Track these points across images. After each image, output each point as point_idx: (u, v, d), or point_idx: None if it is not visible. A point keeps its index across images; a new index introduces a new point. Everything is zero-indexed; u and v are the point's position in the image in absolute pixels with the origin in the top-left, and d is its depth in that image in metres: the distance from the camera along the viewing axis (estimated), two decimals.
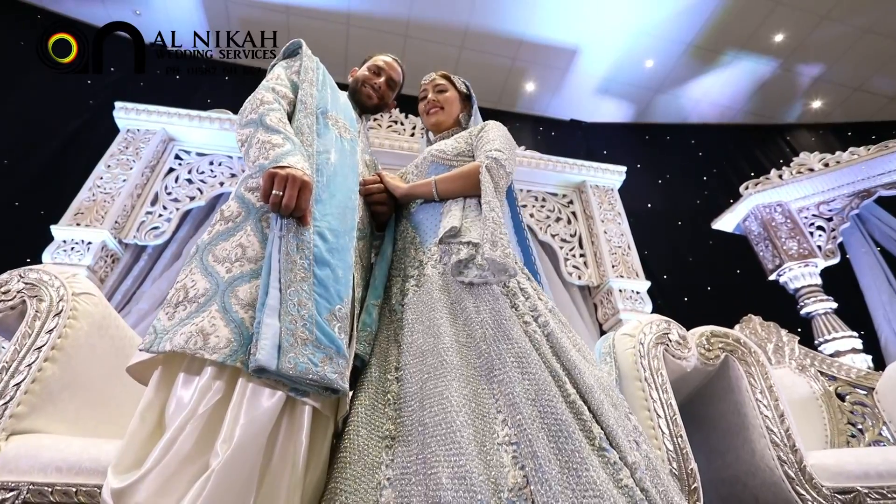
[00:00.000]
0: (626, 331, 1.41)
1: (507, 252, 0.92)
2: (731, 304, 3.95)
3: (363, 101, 1.51)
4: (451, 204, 1.15)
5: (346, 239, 0.99)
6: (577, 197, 3.60)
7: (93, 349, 1.15)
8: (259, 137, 0.98)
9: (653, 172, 4.89)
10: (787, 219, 2.98)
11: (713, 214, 4.52)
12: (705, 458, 1.65)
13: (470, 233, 1.02)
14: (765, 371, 1.41)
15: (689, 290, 4.15)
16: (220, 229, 0.93)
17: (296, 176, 0.89)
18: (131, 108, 3.07)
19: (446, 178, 1.20)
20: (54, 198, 3.01)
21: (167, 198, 2.90)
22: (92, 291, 1.18)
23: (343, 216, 1.02)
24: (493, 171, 1.14)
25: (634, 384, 1.30)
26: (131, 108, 3.07)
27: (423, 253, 1.13)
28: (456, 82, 1.57)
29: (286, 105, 1.17)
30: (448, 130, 1.52)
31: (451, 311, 0.95)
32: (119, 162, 2.88)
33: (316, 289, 0.85)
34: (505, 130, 1.35)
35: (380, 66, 1.54)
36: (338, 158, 1.13)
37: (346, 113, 1.33)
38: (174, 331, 0.77)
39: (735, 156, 5.01)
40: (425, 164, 1.33)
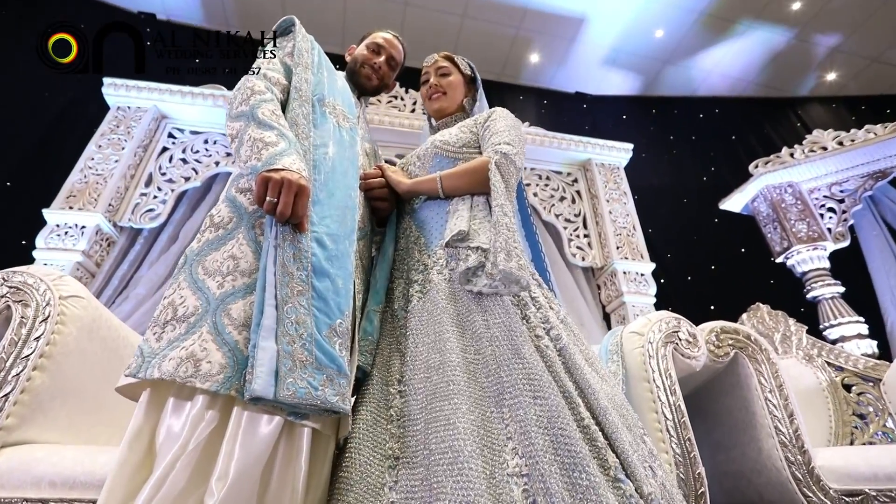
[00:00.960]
0: (635, 328, 1.37)
1: (522, 263, 0.86)
2: (736, 285, 3.92)
3: (362, 82, 1.42)
4: (458, 202, 1.08)
5: (346, 244, 0.94)
6: (581, 175, 3.52)
7: (83, 354, 1.11)
8: (251, 134, 0.91)
9: (659, 148, 4.77)
10: (797, 200, 2.90)
11: (720, 192, 4.44)
12: (709, 451, 1.64)
13: (479, 236, 0.96)
14: (775, 369, 1.38)
15: (694, 269, 4.10)
16: (209, 237, 0.87)
17: (291, 180, 0.83)
18: (120, 84, 2.95)
19: (452, 175, 1.13)
20: (46, 178, 2.93)
21: (161, 178, 2.83)
22: (80, 293, 1.13)
23: (343, 218, 0.96)
24: (502, 167, 1.07)
25: (642, 385, 1.27)
26: (120, 84, 2.95)
27: (427, 256, 1.07)
28: (460, 64, 1.47)
29: (279, 93, 1.09)
30: (451, 116, 1.44)
31: (458, 323, 0.91)
32: (110, 142, 2.79)
33: (315, 303, 0.80)
34: (513, 119, 1.27)
35: (379, 43, 1.44)
36: (336, 151, 1.06)
37: (345, 98, 1.25)
38: (162, 354, 0.72)
39: (744, 130, 4.87)
40: (428, 155, 1.25)
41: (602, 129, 4.76)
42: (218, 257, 0.83)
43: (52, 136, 3.13)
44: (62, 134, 3.11)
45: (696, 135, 4.88)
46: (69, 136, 3.04)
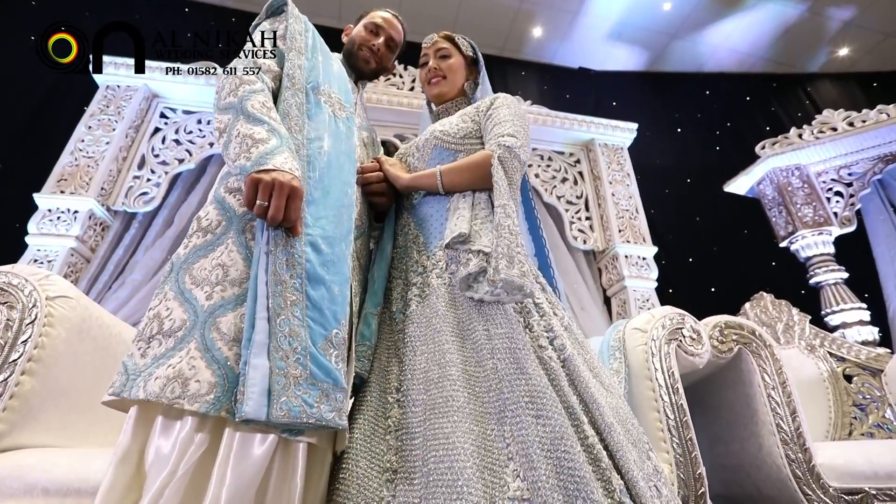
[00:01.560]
0: (638, 325, 1.34)
1: (525, 270, 0.83)
2: (738, 267, 3.90)
3: (360, 65, 1.35)
4: (459, 199, 1.03)
5: (343, 246, 0.90)
6: (584, 156, 3.44)
7: (74, 355, 1.09)
8: (239, 129, 0.85)
9: (663, 126, 4.66)
10: (804, 183, 2.84)
11: (724, 172, 4.36)
12: (707, 442, 1.64)
13: (480, 238, 0.92)
14: (779, 366, 1.36)
15: (695, 250, 4.07)
16: (197, 243, 0.82)
17: (283, 182, 0.78)
18: (108, 61, 2.84)
19: (453, 170, 1.07)
20: (36, 159, 2.87)
21: (154, 160, 2.76)
22: (68, 293, 1.10)
23: (339, 218, 0.92)
24: (506, 162, 1.02)
25: (644, 383, 1.25)
26: (108, 61, 2.84)
27: (426, 257, 1.03)
28: (461, 45, 1.39)
29: (270, 81, 1.03)
30: (452, 102, 1.37)
31: (458, 333, 0.87)
32: (100, 122, 2.71)
33: (309, 313, 0.76)
34: (517, 106, 1.20)
35: (377, 24, 1.36)
36: (332, 145, 1.01)
37: (341, 84, 1.19)
38: (148, 372, 0.69)
39: (751, 108, 4.76)
40: (428, 146, 1.19)
41: (606, 107, 4.65)
42: (206, 265, 0.79)
43: (41, 116, 3.05)
44: (51, 113, 3.03)
45: (702, 112, 4.77)
46: (59, 115, 2.96)
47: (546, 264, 1.22)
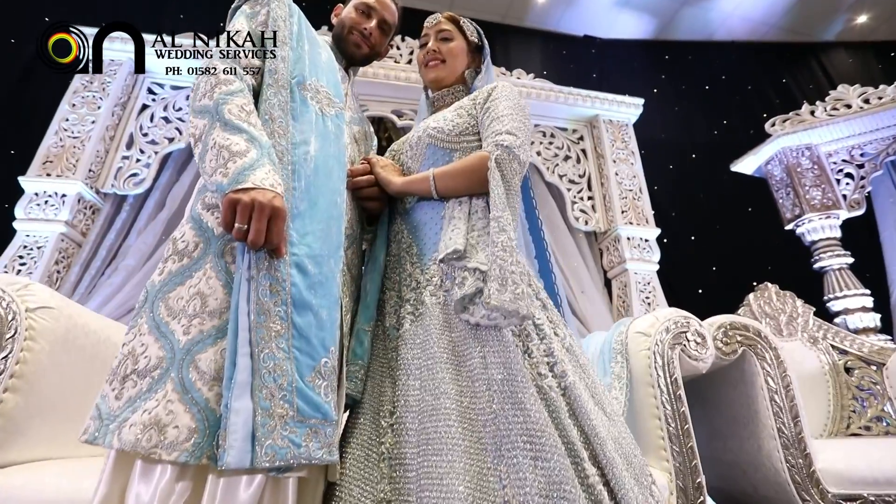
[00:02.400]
0: (641, 328, 1.31)
1: (519, 292, 0.78)
2: (740, 247, 3.84)
3: (350, 51, 1.26)
4: (455, 207, 0.97)
5: (332, 263, 0.84)
6: (588, 133, 3.33)
7: (59, 367, 1.06)
8: (215, 139, 0.78)
9: (669, 98, 4.51)
10: (814, 164, 2.76)
11: (731, 148, 4.24)
12: (705, 436, 1.64)
13: (476, 254, 0.86)
14: (783, 369, 1.34)
15: (698, 228, 4.01)
16: (172, 269, 0.77)
17: (263, 203, 0.72)
18: (89, 33, 2.69)
19: (447, 174, 1.01)
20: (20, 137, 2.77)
21: (143, 140, 2.66)
22: (49, 303, 1.05)
23: (327, 232, 0.86)
24: (504, 165, 0.95)
25: (646, 390, 1.23)
26: (89, 33, 2.69)
27: (420, 270, 0.97)
28: (465, 29, 1.30)
29: (251, 78, 0.95)
30: (449, 89, 1.28)
31: (453, 359, 0.83)
32: (84, 100, 2.59)
33: (295, 343, 0.72)
34: (516, 97, 1.12)
35: (369, 4, 1.26)
36: (319, 148, 0.94)
37: (329, 75, 1.10)
38: (122, 418, 0.65)
39: (761, 79, 4.59)
40: (421, 145, 1.12)
41: (610, 77, 4.48)
42: (183, 293, 0.74)
43: (21, 93, 2.92)
44: (32, 90, 2.91)
45: (710, 84, 4.60)
46: (40, 92, 2.83)
47: (547, 269, 1.17)
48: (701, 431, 1.61)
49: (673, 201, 4.04)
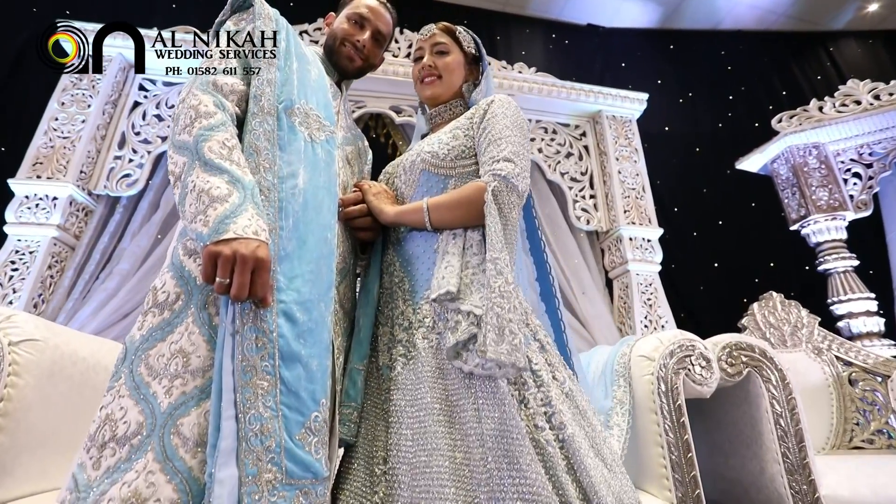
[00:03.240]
0: (644, 352, 1.28)
1: (517, 343, 0.74)
2: (743, 243, 3.80)
3: (343, 64, 1.20)
4: (449, 240, 0.93)
5: (322, 306, 0.81)
6: (590, 128, 3.26)
7: (47, 401, 1.03)
8: (195, 181, 0.74)
9: (674, 89, 4.41)
10: (821, 164, 2.70)
11: (736, 141, 4.17)
12: (706, 449, 1.63)
13: (470, 295, 0.82)
14: (789, 392, 1.31)
15: (700, 224, 3.95)
16: (153, 323, 0.73)
17: (246, 255, 0.68)
18: (89, 32, 2.60)
19: (441, 206, 0.96)
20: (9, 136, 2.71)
21: (135, 139, 2.60)
22: (34, 335, 1.02)
23: (317, 273, 0.82)
24: (501, 198, 0.90)
25: (649, 416, 1.20)
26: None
27: (412, 309, 0.93)
28: (462, 41, 1.23)
29: (234, 106, 0.90)
30: (446, 105, 1.23)
31: (446, 410, 0.80)
32: (74, 98, 2.52)
33: (284, 399, 0.69)
34: (514, 113, 1.06)
35: (362, 14, 1.20)
36: (309, 179, 0.89)
37: (319, 95, 1.04)
38: (100, 491, 0.62)
39: (768, 70, 4.48)
40: (415, 170, 1.07)
41: (614, 67, 4.38)
42: (164, 351, 0.70)
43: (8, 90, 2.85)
44: (19, 86, 2.83)
45: (716, 75, 4.50)
46: (28, 89, 2.76)
47: (550, 293, 1.13)
48: (701, 444, 1.59)
49: (675, 196, 3.98)
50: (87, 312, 2.22)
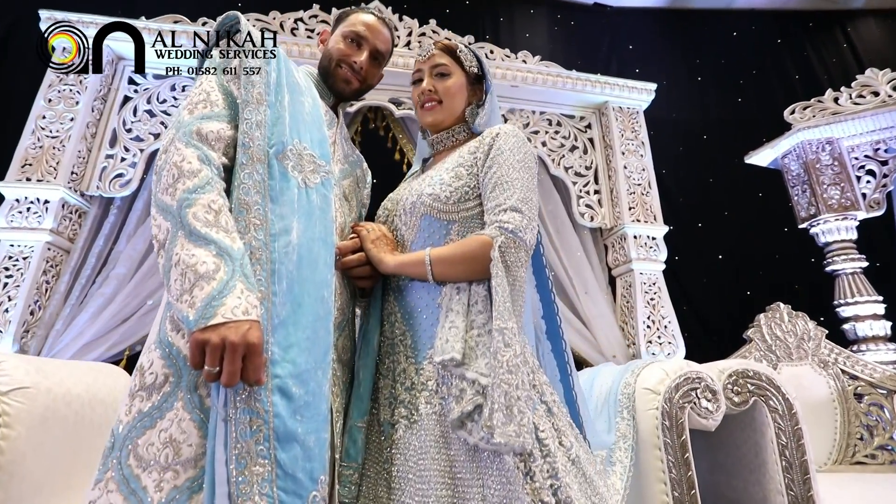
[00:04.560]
0: (650, 384, 1.25)
1: (525, 422, 0.71)
2: (748, 236, 3.74)
3: (339, 87, 1.13)
4: (452, 296, 0.88)
5: (320, 374, 0.77)
6: (596, 120, 3.16)
7: (41, 448, 1.01)
8: (179, 254, 0.69)
9: (682, 73, 4.27)
10: (834, 160, 2.62)
11: (745, 128, 4.07)
12: (707, 466, 1.63)
13: (475, 360, 0.79)
14: (796, 423, 1.29)
15: (706, 214, 3.89)
16: (141, 408, 0.69)
17: (236, 343, 0.64)
18: (61, 18, 2.50)
19: (444, 260, 0.91)
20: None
21: (127, 136, 2.52)
22: (24, 383, 0.99)
23: (314, 338, 0.78)
24: (508, 255, 0.86)
25: (653, 452, 1.19)
26: (61, 18, 2.50)
27: (414, 368, 0.90)
28: (463, 60, 1.16)
29: (222, 156, 0.83)
30: (449, 131, 1.16)
31: (450, 483, 0.77)
32: (61, 95, 2.43)
33: (280, 484, 0.66)
34: (522, 152, 1.00)
35: (359, 33, 1.12)
36: (303, 231, 0.84)
37: (314, 129, 0.97)
38: None
39: (781, 52, 4.32)
40: (416, 213, 1.01)
41: (621, 50, 4.24)
42: (154, 439, 0.67)
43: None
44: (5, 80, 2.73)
45: (726, 57, 4.34)
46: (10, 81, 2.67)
47: (557, 333, 1.09)
48: (702, 461, 1.59)
49: (681, 186, 3.90)
50: (85, 318, 2.20)
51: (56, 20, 2.48)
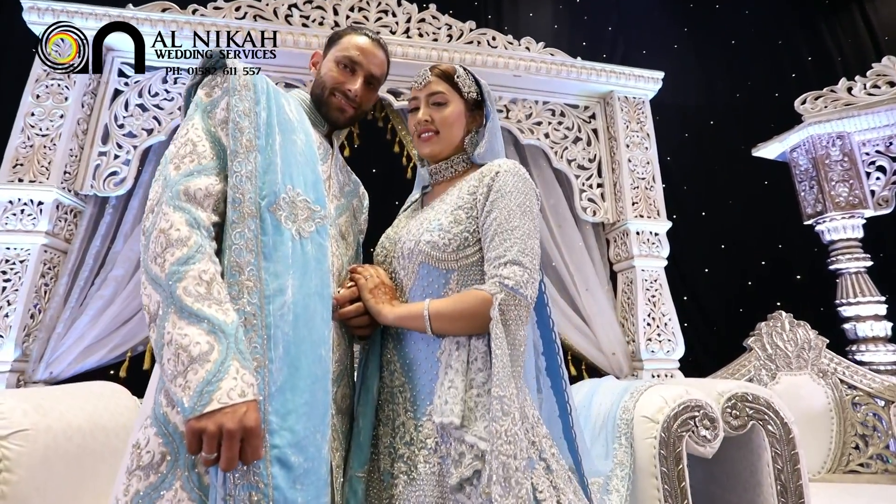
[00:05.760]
0: (648, 413, 1.25)
1: (522, 495, 0.71)
2: (752, 227, 3.69)
3: (333, 116, 1.09)
4: (452, 351, 0.87)
5: (319, 438, 0.77)
6: (600, 110, 3.08)
7: (44, 486, 1.02)
8: (171, 332, 0.67)
9: (690, 54, 4.12)
10: (844, 156, 2.56)
11: (753, 114, 3.97)
12: (702, 476, 1.65)
13: (475, 422, 0.79)
14: (793, 448, 1.30)
15: (710, 203, 3.83)
16: (138, 489, 0.69)
17: (233, 430, 0.63)
18: (44, 7, 2.40)
19: (443, 316, 0.89)
20: None
21: (119, 133, 2.46)
22: (23, 425, 0.99)
23: (312, 401, 0.77)
24: (508, 314, 0.84)
25: (650, 481, 1.20)
26: (44, 7, 2.40)
27: (413, 424, 0.90)
28: (461, 86, 1.10)
29: (212, 214, 0.80)
30: (447, 161, 1.12)
31: None
32: (49, 90, 2.36)
33: None
34: (523, 193, 0.96)
35: (353, 58, 1.07)
36: (299, 287, 0.82)
37: (307, 169, 0.93)
38: None
39: (794, 32, 4.16)
40: (414, 260, 0.98)
41: (628, 30, 4.08)
42: None
43: None
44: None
45: (737, 37, 4.19)
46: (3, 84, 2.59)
47: (557, 372, 1.08)
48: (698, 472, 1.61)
49: (685, 173, 3.83)
50: (86, 321, 2.21)
51: (38, 8, 2.39)
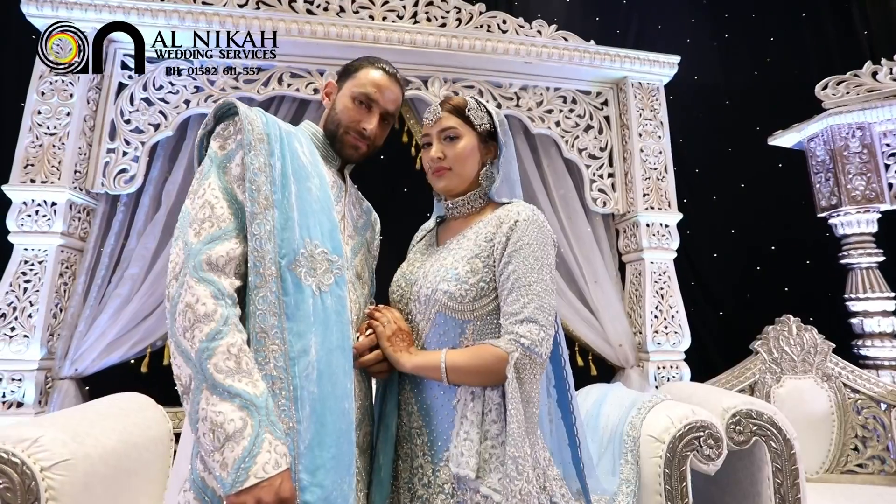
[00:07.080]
0: (654, 432, 1.30)
1: None
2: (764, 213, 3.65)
3: (346, 153, 1.09)
4: (467, 401, 0.91)
5: (346, 487, 0.81)
6: (613, 97, 3.00)
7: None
8: (206, 409, 0.70)
9: (708, 32, 3.95)
10: (863, 148, 2.50)
11: (771, 93, 3.86)
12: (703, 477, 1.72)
13: (490, 474, 0.83)
14: (794, 463, 1.35)
15: (721, 187, 3.77)
16: None
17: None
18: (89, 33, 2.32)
19: (459, 369, 0.92)
20: None
21: (126, 128, 2.45)
22: (63, 455, 1.05)
23: (339, 455, 0.81)
24: (524, 372, 0.87)
25: (654, 498, 1.26)
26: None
27: (431, 467, 0.94)
28: (473, 119, 1.09)
29: (234, 279, 0.81)
30: (463, 197, 1.12)
31: None
32: (53, 87, 2.34)
33: None
34: (540, 244, 0.97)
35: (370, 95, 1.06)
36: (321, 343, 0.84)
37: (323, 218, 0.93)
38: None
39: (818, 7, 3.98)
40: (431, 307, 1.00)
41: (641, 7, 3.90)
42: None
43: None
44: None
45: (758, 13, 4.01)
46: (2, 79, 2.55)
47: (568, 407, 1.11)
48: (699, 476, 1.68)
49: (698, 156, 3.76)
50: (106, 318, 2.27)
51: (39, 2, 2.33)
